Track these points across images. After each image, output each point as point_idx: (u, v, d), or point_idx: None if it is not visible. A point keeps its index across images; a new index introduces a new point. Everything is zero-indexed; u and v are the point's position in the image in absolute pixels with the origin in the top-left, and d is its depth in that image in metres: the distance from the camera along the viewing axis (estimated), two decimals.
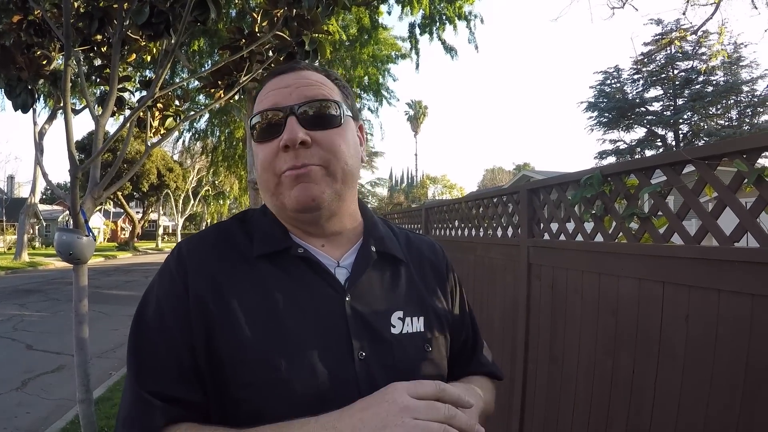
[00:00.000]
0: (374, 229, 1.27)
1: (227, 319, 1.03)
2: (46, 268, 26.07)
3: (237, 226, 1.21)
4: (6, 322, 11.43)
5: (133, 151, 34.98)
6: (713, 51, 15.38)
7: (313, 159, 1.09)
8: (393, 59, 17.33)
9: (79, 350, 3.81)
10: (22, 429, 5.70)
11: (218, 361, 1.01)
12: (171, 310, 1.06)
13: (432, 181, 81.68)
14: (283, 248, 1.13)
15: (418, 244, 1.39)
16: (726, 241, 2.10)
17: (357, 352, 1.07)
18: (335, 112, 1.14)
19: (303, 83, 1.15)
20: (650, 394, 2.43)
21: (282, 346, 1.02)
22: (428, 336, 1.20)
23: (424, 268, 1.33)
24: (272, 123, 1.11)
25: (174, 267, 1.10)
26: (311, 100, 1.12)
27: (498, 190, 4.73)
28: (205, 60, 12.77)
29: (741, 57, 33.27)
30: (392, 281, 1.23)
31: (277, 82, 1.17)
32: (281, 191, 1.11)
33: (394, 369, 1.09)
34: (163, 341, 1.04)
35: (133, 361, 1.05)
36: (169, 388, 1.01)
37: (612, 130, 39.51)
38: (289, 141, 1.07)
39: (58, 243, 3.67)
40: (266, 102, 1.15)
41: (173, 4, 3.53)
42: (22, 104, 4.04)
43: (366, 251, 1.21)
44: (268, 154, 1.11)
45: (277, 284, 1.09)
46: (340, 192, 1.14)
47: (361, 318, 1.11)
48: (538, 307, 3.61)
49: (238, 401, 1.00)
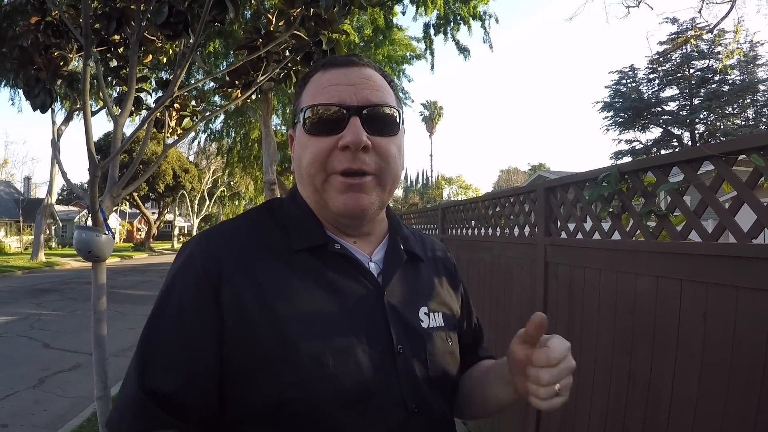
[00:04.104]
0: (399, 228, 1.29)
1: (268, 316, 1.01)
2: (63, 268, 26.25)
3: (268, 216, 1.19)
4: (23, 320, 11.53)
5: (149, 152, 35.14)
6: (729, 50, 15.28)
7: (370, 165, 1.08)
8: (408, 60, 17.35)
9: (98, 347, 3.83)
10: (40, 426, 5.75)
11: (258, 359, 0.99)
12: (193, 309, 1.03)
13: (447, 182, 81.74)
14: (322, 243, 1.12)
15: (431, 244, 1.42)
16: (744, 237, 2.09)
17: (396, 346, 1.08)
18: (395, 120, 1.13)
19: (368, 85, 1.12)
20: (667, 392, 2.41)
21: (328, 342, 1.02)
22: (447, 330, 1.23)
23: (438, 266, 1.36)
24: (331, 118, 1.08)
25: (201, 261, 1.06)
26: (377, 104, 1.10)
27: (515, 189, 4.72)
28: (220, 61, 12.85)
29: (757, 55, 33.06)
30: (416, 278, 1.25)
31: (339, 76, 1.12)
32: (328, 191, 1.09)
33: (426, 362, 1.13)
34: (178, 340, 1.02)
35: (140, 356, 1.03)
36: (170, 387, 0.99)
37: (628, 130, 39.32)
38: (353, 143, 1.04)
39: (78, 241, 3.69)
40: (326, 95, 1.10)
41: (191, 4, 3.55)
42: (41, 104, 4.07)
43: (396, 249, 1.23)
44: (322, 149, 1.08)
45: (317, 280, 1.08)
46: (384, 201, 1.15)
47: (397, 313, 1.12)
48: (555, 305, 3.60)
49: (282, 400, 0.98)
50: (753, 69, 33.63)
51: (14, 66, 4.05)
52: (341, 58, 1.17)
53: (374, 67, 1.19)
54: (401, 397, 1.05)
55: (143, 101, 4.64)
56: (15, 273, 22.66)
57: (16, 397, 6.59)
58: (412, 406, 1.06)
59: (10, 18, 5.83)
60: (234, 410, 1.03)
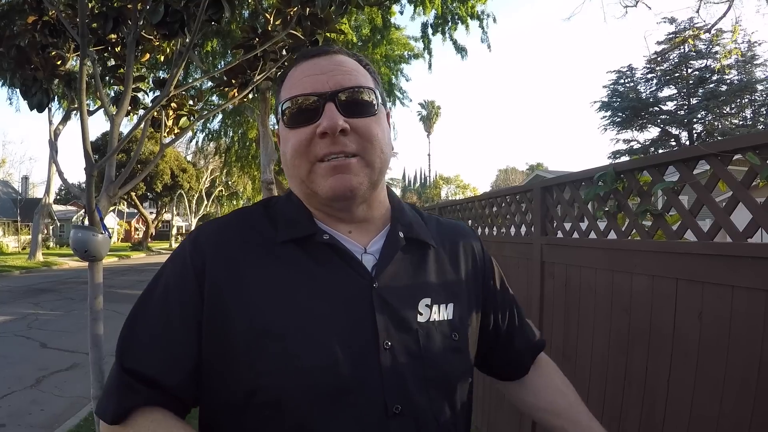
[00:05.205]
0: (402, 215, 1.24)
1: (247, 306, 1.02)
2: (60, 268, 26.26)
3: (261, 211, 1.19)
4: (20, 320, 11.54)
5: (146, 152, 35.11)
6: (727, 49, 15.31)
7: (351, 146, 1.06)
8: (406, 59, 17.39)
9: (94, 347, 3.83)
10: (37, 426, 5.75)
11: (234, 349, 1.00)
12: (177, 295, 1.06)
13: (445, 182, 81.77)
14: (308, 234, 1.11)
15: (450, 228, 1.37)
16: (739, 237, 2.09)
17: (382, 341, 1.04)
18: (372, 99, 1.12)
19: (340, 71, 1.11)
20: (663, 391, 2.42)
21: (304, 334, 1.01)
22: (456, 324, 1.18)
23: (455, 252, 1.30)
24: (307, 108, 1.08)
25: (189, 253, 1.09)
26: (349, 87, 1.09)
27: (511, 188, 4.72)
28: (218, 60, 12.85)
29: (755, 55, 33.09)
30: (420, 267, 1.20)
31: (312, 67, 1.12)
32: (314, 179, 1.08)
33: (419, 358, 1.08)
34: (159, 323, 1.04)
35: (123, 338, 1.06)
36: (150, 368, 1.01)
37: (626, 130, 39.37)
38: (329, 128, 1.03)
39: (74, 240, 3.69)
40: (301, 87, 1.10)
41: (187, 3, 3.55)
42: (38, 104, 4.07)
43: (394, 237, 1.18)
44: (302, 140, 1.08)
45: (300, 271, 1.07)
46: (375, 181, 1.12)
47: (388, 305, 1.08)
48: (552, 305, 3.60)
49: (254, 390, 0.99)
50: (751, 69, 33.65)
51: (11, 65, 4.05)
52: (312, 50, 1.17)
53: (347, 53, 1.18)
54: (382, 396, 1.02)
55: (140, 100, 4.65)
56: (12, 273, 22.69)
57: (13, 397, 6.59)
58: (395, 406, 1.02)
59: (7, 17, 5.84)
60: (209, 399, 1.05)
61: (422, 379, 1.07)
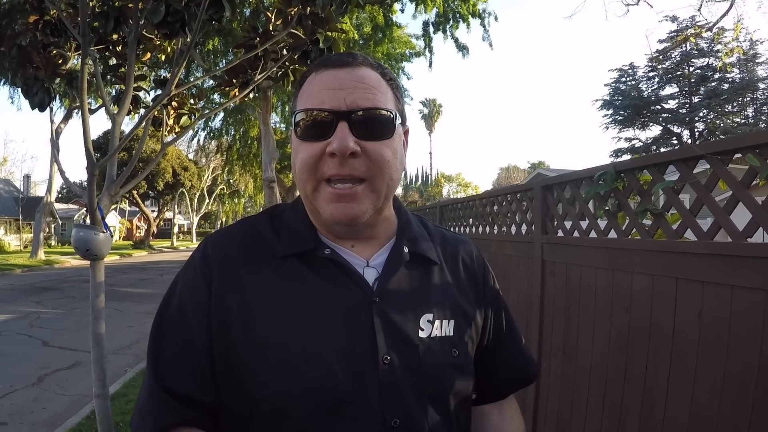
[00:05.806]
0: (408, 229, 1.22)
1: (248, 319, 1.03)
2: (62, 266, 26.23)
3: (267, 221, 1.19)
4: (22, 319, 11.53)
5: (148, 150, 35.08)
6: (729, 48, 15.28)
7: (359, 170, 1.04)
8: (407, 57, 17.34)
9: (96, 345, 3.84)
10: (39, 424, 5.74)
11: (237, 360, 1.01)
12: (192, 308, 1.06)
13: (447, 180, 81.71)
14: (310, 248, 1.10)
15: (454, 244, 1.33)
16: (739, 236, 2.10)
17: (381, 356, 1.04)
18: (389, 122, 1.08)
19: (359, 87, 1.06)
20: (663, 390, 2.42)
21: (303, 347, 1.01)
22: (457, 340, 1.16)
23: (457, 269, 1.28)
24: (321, 123, 1.04)
25: (199, 264, 1.10)
26: (366, 108, 1.05)
27: (512, 187, 4.72)
28: (219, 59, 12.83)
29: (757, 54, 32.98)
30: (423, 283, 1.18)
31: (332, 79, 1.07)
32: (317, 199, 1.07)
33: (419, 374, 1.07)
34: (182, 338, 1.05)
35: (152, 355, 1.06)
36: (183, 385, 1.02)
37: (627, 128, 39.24)
38: (338, 150, 1.01)
39: (76, 239, 3.70)
40: (317, 100, 1.06)
41: (188, 3, 3.55)
42: (39, 103, 4.08)
43: (398, 252, 1.16)
44: (311, 155, 1.05)
45: (302, 285, 1.07)
46: (380, 207, 1.10)
47: (389, 320, 1.08)
48: (552, 303, 3.61)
49: (257, 400, 1.00)
50: (753, 67, 33.55)
51: (13, 65, 4.07)
52: (335, 58, 1.12)
53: (371, 64, 1.13)
54: (381, 409, 1.02)
55: (141, 99, 4.66)
56: (14, 271, 22.67)
57: (15, 395, 6.59)
58: (393, 420, 1.02)
59: (8, 17, 5.84)
60: (231, 405, 1.05)
61: (421, 394, 1.07)
